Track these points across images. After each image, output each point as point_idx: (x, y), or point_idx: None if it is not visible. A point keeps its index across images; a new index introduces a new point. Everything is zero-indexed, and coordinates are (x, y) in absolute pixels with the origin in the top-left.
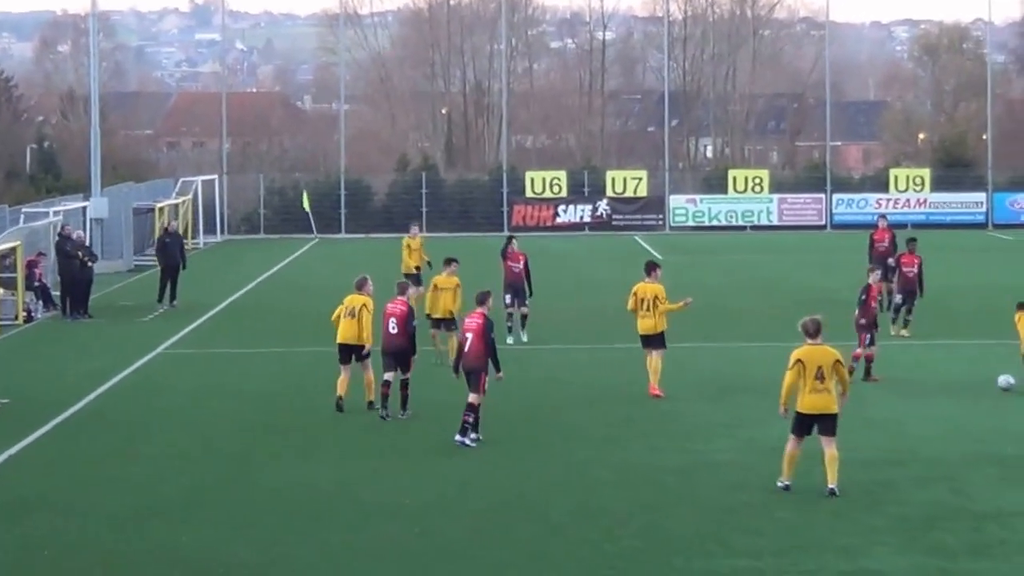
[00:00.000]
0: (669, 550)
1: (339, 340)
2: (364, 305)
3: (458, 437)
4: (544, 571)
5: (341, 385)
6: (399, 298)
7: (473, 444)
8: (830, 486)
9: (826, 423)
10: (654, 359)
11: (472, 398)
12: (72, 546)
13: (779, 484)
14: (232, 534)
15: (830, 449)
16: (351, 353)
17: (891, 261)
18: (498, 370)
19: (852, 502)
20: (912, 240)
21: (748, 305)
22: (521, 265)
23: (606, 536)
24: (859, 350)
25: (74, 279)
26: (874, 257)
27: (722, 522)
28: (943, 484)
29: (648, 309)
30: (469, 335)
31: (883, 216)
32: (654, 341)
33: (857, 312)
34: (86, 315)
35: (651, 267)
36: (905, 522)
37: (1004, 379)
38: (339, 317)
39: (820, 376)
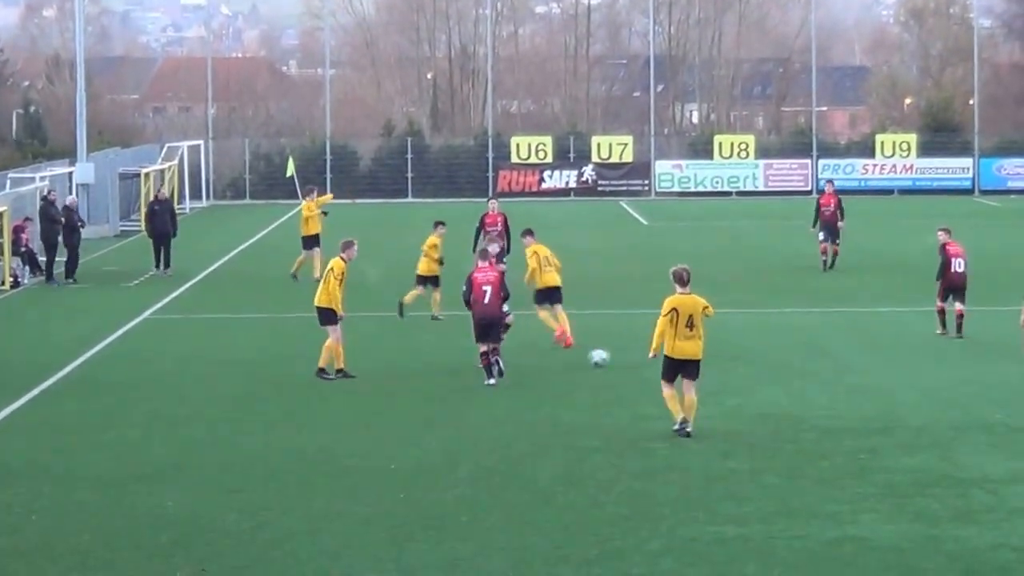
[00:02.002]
0: (655, 517)
1: None
2: (329, 268)
3: (489, 380)
4: (530, 537)
5: (324, 353)
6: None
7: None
8: (687, 424)
9: (690, 368)
10: (559, 312)
11: (498, 346)
12: (59, 511)
13: (675, 427)
14: (218, 499)
15: (690, 394)
16: (320, 315)
17: None
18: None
19: (839, 469)
20: None
21: (733, 271)
22: (499, 227)
23: (592, 503)
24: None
25: (58, 244)
26: (820, 221)
27: (708, 489)
28: (930, 451)
29: (549, 264)
30: (488, 288)
31: (830, 182)
32: (555, 294)
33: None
34: (71, 280)
35: (527, 232)
36: (892, 489)
37: (597, 354)
38: None
39: (690, 324)
